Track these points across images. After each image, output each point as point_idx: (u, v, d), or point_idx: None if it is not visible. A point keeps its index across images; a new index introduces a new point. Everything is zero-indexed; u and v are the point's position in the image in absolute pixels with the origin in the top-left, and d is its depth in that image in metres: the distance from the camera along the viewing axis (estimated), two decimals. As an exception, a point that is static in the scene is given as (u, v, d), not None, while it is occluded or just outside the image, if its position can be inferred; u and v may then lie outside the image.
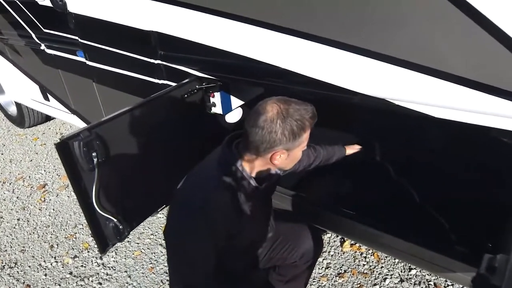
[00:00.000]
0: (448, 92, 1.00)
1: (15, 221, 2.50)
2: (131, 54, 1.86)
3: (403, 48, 1.05)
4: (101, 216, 1.33)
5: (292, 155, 1.09)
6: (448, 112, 1.07)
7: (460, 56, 0.97)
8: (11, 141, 3.65)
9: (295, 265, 1.47)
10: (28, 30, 2.50)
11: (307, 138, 1.09)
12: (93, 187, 1.26)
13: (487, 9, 0.87)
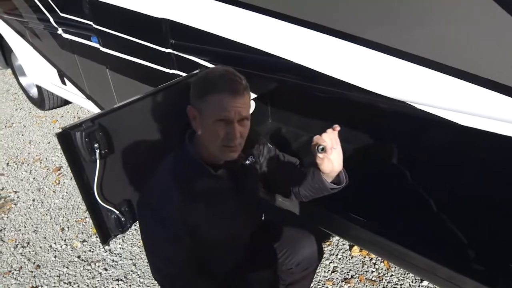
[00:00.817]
0: (480, 99, 0.90)
1: (30, 201, 2.57)
2: (142, 41, 1.82)
3: (428, 46, 0.95)
4: (103, 207, 1.31)
5: (204, 122, 0.98)
6: (476, 119, 0.97)
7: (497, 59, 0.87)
8: (32, 123, 3.74)
9: (291, 272, 1.40)
10: (46, 13, 2.50)
11: (220, 106, 0.95)
12: (95, 178, 1.24)
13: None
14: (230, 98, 0.96)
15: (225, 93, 0.95)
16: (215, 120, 0.96)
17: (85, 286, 1.90)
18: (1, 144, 3.35)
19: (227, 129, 0.97)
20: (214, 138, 0.98)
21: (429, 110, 1.04)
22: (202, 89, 0.98)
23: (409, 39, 0.98)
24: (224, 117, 0.96)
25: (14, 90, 4.63)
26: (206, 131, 1.00)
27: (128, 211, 1.40)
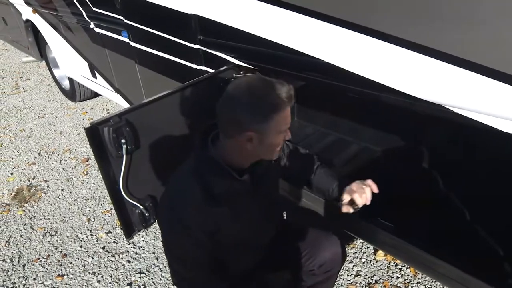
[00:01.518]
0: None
1: (59, 191, 2.65)
2: (170, 37, 1.81)
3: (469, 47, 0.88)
4: (128, 202, 1.32)
5: (266, 140, 0.95)
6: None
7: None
8: (63, 114, 3.86)
9: (313, 274, 1.36)
10: (79, 8, 2.56)
11: (284, 121, 0.94)
12: (120, 173, 1.25)
13: None
14: (287, 112, 0.95)
15: (286, 108, 0.94)
16: (279, 134, 0.96)
17: (109, 277, 1.94)
18: (34, 134, 3.49)
19: (284, 135, 0.98)
20: (273, 148, 0.99)
21: (468, 115, 0.97)
22: (264, 112, 0.91)
23: (447, 39, 0.91)
24: (286, 128, 0.97)
25: (47, 81, 4.80)
26: (265, 145, 0.96)
27: (152, 207, 1.40)
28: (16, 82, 4.88)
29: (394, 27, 1.00)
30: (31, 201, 2.56)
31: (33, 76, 5.07)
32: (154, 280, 1.90)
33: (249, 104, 0.89)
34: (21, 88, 4.66)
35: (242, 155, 0.99)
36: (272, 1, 1.30)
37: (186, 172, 1.03)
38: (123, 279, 1.92)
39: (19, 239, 2.24)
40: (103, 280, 1.93)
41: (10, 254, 2.14)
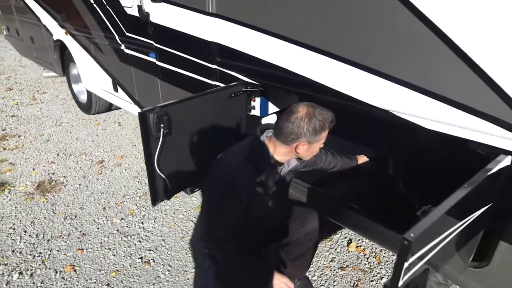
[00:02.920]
0: (440, 110, 1.31)
1: (77, 185, 3.01)
2: (193, 58, 2.31)
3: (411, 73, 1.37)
4: (158, 175, 1.73)
5: (311, 148, 1.45)
6: (437, 125, 1.36)
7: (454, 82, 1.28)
8: (78, 124, 4.27)
9: (299, 242, 1.75)
10: (113, 32, 3.07)
11: (325, 136, 1.44)
12: (156, 151, 1.67)
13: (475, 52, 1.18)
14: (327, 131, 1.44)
15: (327, 130, 1.43)
16: (320, 145, 1.47)
17: (122, 252, 2.28)
18: (52, 139, 3.87)
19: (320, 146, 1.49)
20: (316, 153, 1.51)
21: (405, 117, 1.44)
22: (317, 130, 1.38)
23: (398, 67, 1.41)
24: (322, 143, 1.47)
25: (62, 96, 5.25)
26: (310, 152, 1.47)
27: (174, 183, 1.81)
28: (33, 95, 5.32)
29: (361, 56, 1.50)
30: (52, 192, 2.91)
31: (49, 90, 5.52)
32: (161, 256, 2.25)
33: (310, 125, 1.37)
34: (38, 100, 5.09)
35: (287, 155, 1.48)
36: (271, 34, 1.79)
37: (242, 152, 1.48)
38: (134, 254, 2.26)
39: (43, 220, 2.57)
40: (117, 255, 2.26)
41: (36, 231, 2.46)
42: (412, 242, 0.78)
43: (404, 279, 0.85)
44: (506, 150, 1.23)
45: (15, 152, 3.57)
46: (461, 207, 1.00)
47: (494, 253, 1.38)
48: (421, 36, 1.26)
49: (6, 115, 4.52)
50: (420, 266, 0.92)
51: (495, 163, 1.14)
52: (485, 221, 1.35)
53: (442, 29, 1.21)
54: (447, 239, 1.02)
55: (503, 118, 1.17)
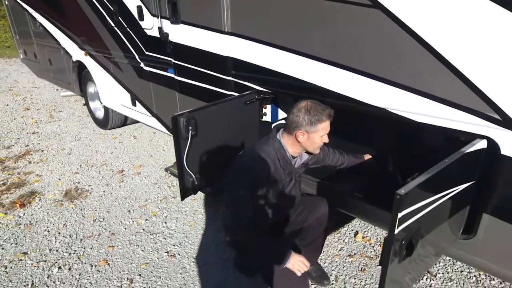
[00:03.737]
0: (426, 105, 1.58)
1: (102, 192, 3.26)
2: (210, 72, 2.61)
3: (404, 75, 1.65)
4: (187, 172, 1.99)
5: (311, 137, 1.66)
6: (424, 118, 1.63)
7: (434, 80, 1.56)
8: (96, 138, 4.56)
9: (312, 227, 1.99)
10: (132, 51, 3.39)
11: (323, 129, 1.65)
12: (185, 150, 1.94)
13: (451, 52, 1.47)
14: (329, 123, 1.65)
15: (327, 122, 1.64)
16: (319, 136, 1.66)
17: (150, 248, 2.51)
18: (73, 152, 4.14)
19: (324, 138, 1.69)
20: (317, 145, 1.70)
21: (399, 113, 1.71)
22: (313, 121, 1.60)
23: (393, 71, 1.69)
24: (324, 134, 1.68)
25: (78, 113, 5.56)
26: (311, 142, 1.67)
27: (200, 179, 2.07)
28: (50, 113, 5.63)
29: (361, 64, 1.78)
30: (79, 198, 3.15)
31: (65, 109, 5.83)
32: (186, 250, 2.47)
33: (306, 115, 1.61)
34: (56, 118, 5.40)
35: (295, 146, 1.72)
36: (279, 47, 2.08)
37: (261, 148, 1.73)
38: (161, 249, 2.49)
39: (74, 223, 2.81)
40: (145, 250, 2.49)
41: (68, 232, 2.70)
42: (402, 196, 1.03)
43: (399, 228, 1.09)
44: (483, 135, 1.49)
45: (40, 165, 3.84)
46: (444, 177, 1.25)
47: (479, 225, 1.62)
48: (409, 47, 1.55)
49: (27, 132, 4.81)
50: (412, 222, 1.16)
51: (471, 145, 1.40)
52: (470, 197, 1.60)
53: (427, 41, 1.49)
54: (435, 204, 1.27)
55: (478, 109, 1.44)
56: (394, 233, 1.07)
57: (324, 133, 1.68)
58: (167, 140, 4.36)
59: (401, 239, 1.15)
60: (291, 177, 1.86)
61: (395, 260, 1.17)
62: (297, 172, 1.91)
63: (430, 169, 1.18)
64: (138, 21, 3.09)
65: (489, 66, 1.37)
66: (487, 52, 1.36)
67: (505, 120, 1.40)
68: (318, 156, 1.93)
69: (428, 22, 1.48)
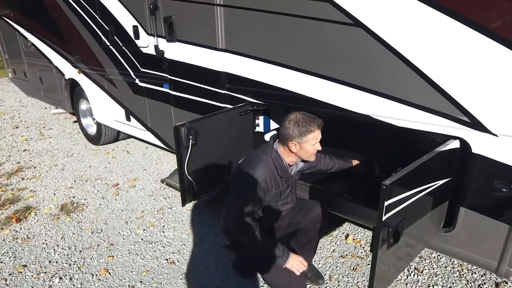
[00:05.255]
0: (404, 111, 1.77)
1: (98, 205, 3.31)
2: (205, 86, 2.77)
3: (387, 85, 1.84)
4: (187, 179, 2.11)
5: (303, 147, 1.82)
6: (404, 123, 1.82)
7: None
8: (88, 154, 4.60)
9: (307, 228, 2.12)
10: (127, 68, 3.53)
11: (313, 138, 1.79)
12: (186, 158, 2.06)
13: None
14: (318, 132, 1.79)
15: (316, 131, 1.77)
16: (311, 146, 1.80)
17: (149, 256, 2.58)
18: (67, 168, 4.18)
19: (316, 146, 1.83)
20: (310, 153, 1.84)
21: (383, 120, 1.89)
22: (302, 132, 1.74)
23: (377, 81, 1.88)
24: (314, 144, 1.81)
25: (68, 130, 5.59)
26: (304, 151, 1.81)
27: (200, 186, 2.19)
28: (40, 131, 5.64)
29: (346, 75, 1.97)
30: (76, 212, 3.20)
31: (55, 126, 5.86)
32: (185, 257, 2.56)
33: (296, 128, 1.76)
34: (46, 135, 5.41)
35: (290, 155, 1.87)
36: (270, 62, 2.27)
37: (261, 155, 1.88)
38: (160, 257, 2.57)
39: (72, 235, 2.85)
40: (145, 258, 2.56)
41: (67, 244, 2.74)
42: (388, 186, 1.19)
43: (386, 216, 1.24)
44: (455, 136, 1.69)
45: (34, 181, 3.86)
46: (423, 172, 1.42)
47: (457, 218, 1.79)
48: (387, 59, 1.75)
49: (18, 150, 4.81)
50: (397, 211, 1.32)
51: (445, 145, 1.59)
52: (448, 192, 1.78)
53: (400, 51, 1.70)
54: (417, 196, 1.44)
55: (450, 112, 1.64)
56: (382, 220, 1.23)
57: (315, 142, 1.82)
58: (160, 154, 4.45)
59: (388, 226, 1.30)
60: (288, 184, 2.01)
61: (384, 246, 1.32)
62: (293, 178, 2.06)
63: (410, 164, 1.35)
64: (134, 39, 3.24)
65: (459, 74, 1.58)
66: (456, 62, 1.57)
67: (474, 123, 1.59)
68: (312, 162, 2.08)
69: (402, 37, 1.69)
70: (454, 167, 1.72)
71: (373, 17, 1.75)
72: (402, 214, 1.36)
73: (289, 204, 2.11)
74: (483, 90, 1.53)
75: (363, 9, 1.77)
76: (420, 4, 1.58)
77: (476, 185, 1.71)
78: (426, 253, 2.49)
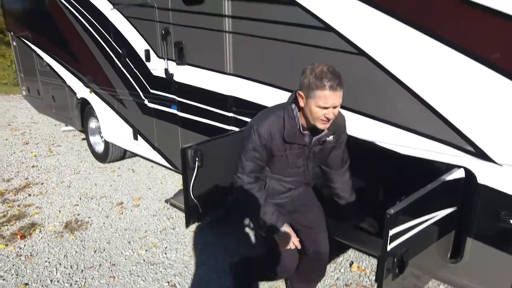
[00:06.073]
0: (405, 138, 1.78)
1: (102, 223, 3.31)
2: (212, 108, 2.82)
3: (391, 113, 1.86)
4: (192, 200, 2.11)
5: (308, 104, 1.51)
6: (407, 150, 1.83)
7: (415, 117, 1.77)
8: (95, 171, 4.65)
9: (306, 253, 2.01)
10: (137, 89, 3.61)
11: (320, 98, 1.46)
12: (192, 180, 2.08)
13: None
14: (329, 94, 1.44)
15: (326, 91, 1.42)
16: (317, 106, 1.48)
17: (150, 278, 2.55)
18: (73, 185, 4.21)
19: (323, 112, 1.49)
20: (315, 115, 1.52)
21: (386, 146, 1.90)
22: (311, 83, 1.43)
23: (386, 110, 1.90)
24: (324, 107, 1.48)
25: (77, 148, 5.67)
26: (309, 110, 1.51)
27: (204, 207, 2.19)
28: (49, 148, 5.73)
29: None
30: (80, 230, 3.20)
31: (63, 143, 5.95)
32: (186, 280, 2.52)
33: (310, 76, 1.47)
34: (55, 152, 5.50)
35: (302, 115, 1.61)
36: (276, 86, 2.31)
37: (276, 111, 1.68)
38: (161, 279, 2.54)
39: (75, 254, 2.84)
40: (146, 280, 2.53)
41: (69, 263, 2.73)
42: (392, 215, 1.18)
43: (390, 245, 1.23)
44: (460, 165, 1.68)
45: (40, 197, 3.89)
46: (428, 201, 1.42)
47: (464, 248, 1.76)
48: (392, 88, 1.78)
49: (26, 166, 4.88)
50: (402, 241, 1.30)
51: (450, 173, 1.59)
52: (454, 222, 1.75)
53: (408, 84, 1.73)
54: (423, 226, 1.43)
55: (454, 141, 1.65)
56: (387, 250, 1.21)
57: (324, 105, 1.48)
58: (165, 173, 4.47)
59: (393, 256, 1.28)
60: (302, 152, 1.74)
61: (389, 276, 1.30)
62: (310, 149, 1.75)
63: (415, 193, 1.35)
64: (145, 62, 3.34)
65: (462, 104, 1.59)
66: (459, 93, 1.59)
67: (478, 152, 1.60)
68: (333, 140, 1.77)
69: (406, 67, 1.72)
70: (460, 197, 1.70)
71: (377, 47, 1.79)
72: (407, 244, 1.35)
73: (299, 178, 1.84)
74: (486, 119, 1.54)
75: (368, 40, 1.82)
76: (425, 37, 1.62)
77: (483, 215, 1.69)
78: (433, 284, 2.43)
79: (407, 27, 1.67)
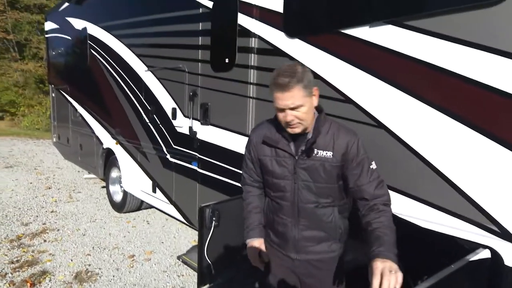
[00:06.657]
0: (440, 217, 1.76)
1: (111, 276, 3.25)
2: (232, 168, 2.89)
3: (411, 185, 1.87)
4: (206, 260, 2.08)
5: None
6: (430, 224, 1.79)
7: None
8: (110, 220, 4.68)
9: None
10: (161, 144, 3.77)
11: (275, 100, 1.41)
12: (207, 239, 2.07)
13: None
14: (279, 95, 1.37)
15: (274, 92, 1.38)
16: (276, 108, 1.45)
17: None
18: (88, 233, 4.23)
19: (282, 114, 1.43)
20: (279, 119, 1.49)
21: (407, 219, 1.87)
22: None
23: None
24: (278, 109, 1.43)
25: (95, 195, 5.79)
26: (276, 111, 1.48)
27: (217, 268, 2.15)
28: (70, 194, 5.87)
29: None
30: (89, 282, 3.15)
31: (84, 190, 6.09)
32: None
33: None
34: (74, 198, 5.62)
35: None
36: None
37: (268, 119, 1.69)
38: None
39: (81, 308, 2.77)
40: None
41: (74, 318, 2.65)
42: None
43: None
44: (485, 245, 1.62)
45: (55, 244, 3.91)
46: (452, 282, 1.36)
47: (493, 337, 1.62)
48: (415, 164, 1.81)
49: (46, 211, 4.98)
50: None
51: (475, 254, 1.53)
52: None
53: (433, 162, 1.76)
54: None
55: (479, 220, 1.61)
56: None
57: (278, 106, 1.41)
58: (178, 228, 4.45)
59: None
60: (286, 165, 1.57)
61: None
62: (296, 161, 1.56)
63: (437, 273, 1.30)
64: (171, 119, 3.53)
65: (487, 184, 1.58)
66: (485, 174, 1.59)
67: (503, 232, 1.55)
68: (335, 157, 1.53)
69: (429, 143, 1.76)
70: (486, 279, 1.62)
71: (398, 122, 1.86)
72: (429, 329, 1.27)
73: (287, 195, 1.61)
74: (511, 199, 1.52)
75: (388, 113, 1.90)
76: (454, 122, 1.65)
77: (512, 301, 1.58)
78: None
79: (438, 113, 1.70)
